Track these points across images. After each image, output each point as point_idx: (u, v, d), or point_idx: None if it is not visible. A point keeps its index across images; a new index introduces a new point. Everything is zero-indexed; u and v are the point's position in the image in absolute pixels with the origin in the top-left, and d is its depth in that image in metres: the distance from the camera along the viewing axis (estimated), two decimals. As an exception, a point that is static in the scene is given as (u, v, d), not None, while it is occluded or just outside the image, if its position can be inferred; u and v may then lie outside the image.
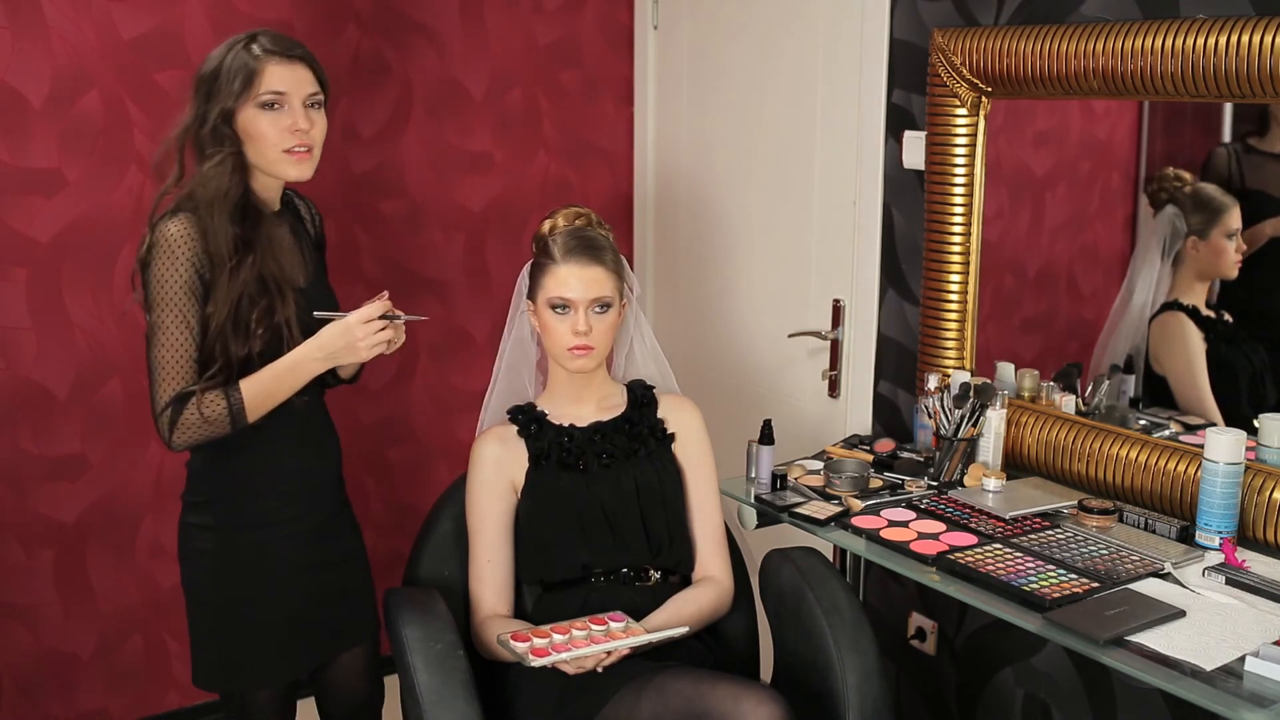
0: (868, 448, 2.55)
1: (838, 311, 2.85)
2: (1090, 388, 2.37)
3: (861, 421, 2.81)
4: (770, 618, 2.19)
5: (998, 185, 2.47)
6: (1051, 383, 2.44)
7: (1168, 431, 2.23)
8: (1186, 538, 2.03)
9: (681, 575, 2.17)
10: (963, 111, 2.40)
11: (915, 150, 2.58)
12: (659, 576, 2.13)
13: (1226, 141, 2.21)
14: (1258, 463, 2.02)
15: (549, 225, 2.16)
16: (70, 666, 2.89)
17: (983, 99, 2.38)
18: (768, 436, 2.34)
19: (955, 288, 2.48)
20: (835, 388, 2.89)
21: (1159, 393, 2.31)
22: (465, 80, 3.18)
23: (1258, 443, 2.03)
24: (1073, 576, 1.90)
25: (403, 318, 2.01)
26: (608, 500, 2.11)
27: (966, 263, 2.47)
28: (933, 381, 2.44)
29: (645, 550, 2.11)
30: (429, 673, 1.90)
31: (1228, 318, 2.26)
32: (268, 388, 1.96)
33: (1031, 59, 2.22)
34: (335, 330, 1.97)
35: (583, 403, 2.18)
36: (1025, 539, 2.06)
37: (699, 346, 3.33)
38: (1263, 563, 1.94)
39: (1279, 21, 1.85)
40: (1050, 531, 2.09)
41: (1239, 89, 1.92)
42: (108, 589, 2.91)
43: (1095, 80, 2.13)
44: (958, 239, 2.46)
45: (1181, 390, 2.29)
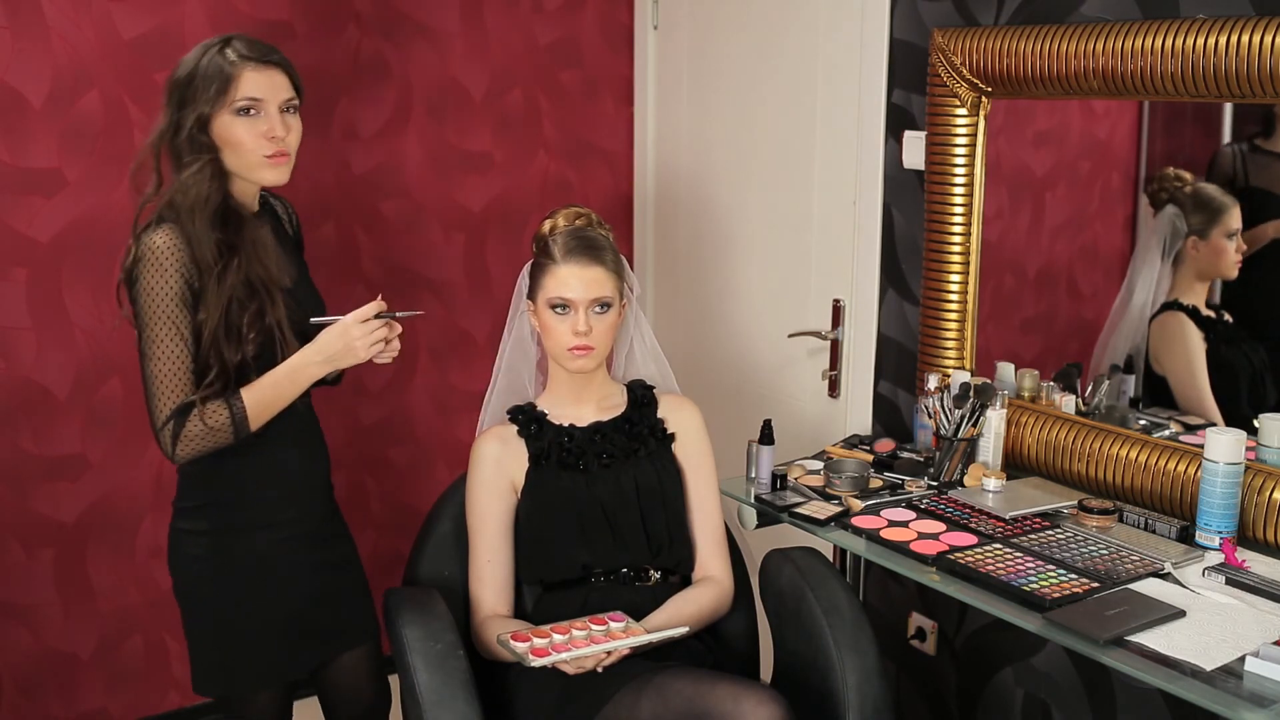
0: (868, 448, 2.55)
1: (838, 311, 2.85)
2: (1090, 388, 2.37)
3: (861, 421, 2.81)
4: (770, 618, 2.19)
5: (998, 185, 2.47)
6: (1051, 383, 2.43)
7: (1168, 431, 2.23)
8: (1186, 538, 2.03)
9: (681, 575, 2.17)
10: (963, 111, 2.40)
11: (915, 150, 2.58)
12: (659, 576, 2.13)
13: (1231, 142, 2.20)
14: (1258, 463, 2.02)
15: (549, 225, 2.15)
16: (70, 666, 2.89)
17: (983, 99, 2.38)
18: (768, 436, 2.34)
19: (955, 288, 2.48)
20: (835, 388, 2.89)
21: (1159, 393, 2.31)
22: (465, 80, 3.18)
23: (1258, 443, 2.03)
24: (1073, 576, 1.90)
25: (398, 315, 2.01)
26: (608, 500, 2.11)
27: (966, 263, 2.47)
28: (933, 381, 2.44)
29: (645, 550, 2.11)
30: (429, 673, 1.90)
31: (1228, 318, 2.26)
32: (268, 394, 1.96)
33: (1031, 59, 2.22)
34: (333, 333, 1.97)
35: (583, 403, 2.18)
36: (1025, 539, 2.06)
37: (699, 346, 3.33)
38: (1263, 563, 1.94)
39: (1279, 21, 1.85)
40: (1050, 531, 2.09)
41: (1239, 89, 1.92)
42: (108, 589, 2.91)
43: (1095, 80, 2.13)
44: (958, 239, 2.46)
45: (1181, 390, 2.29)
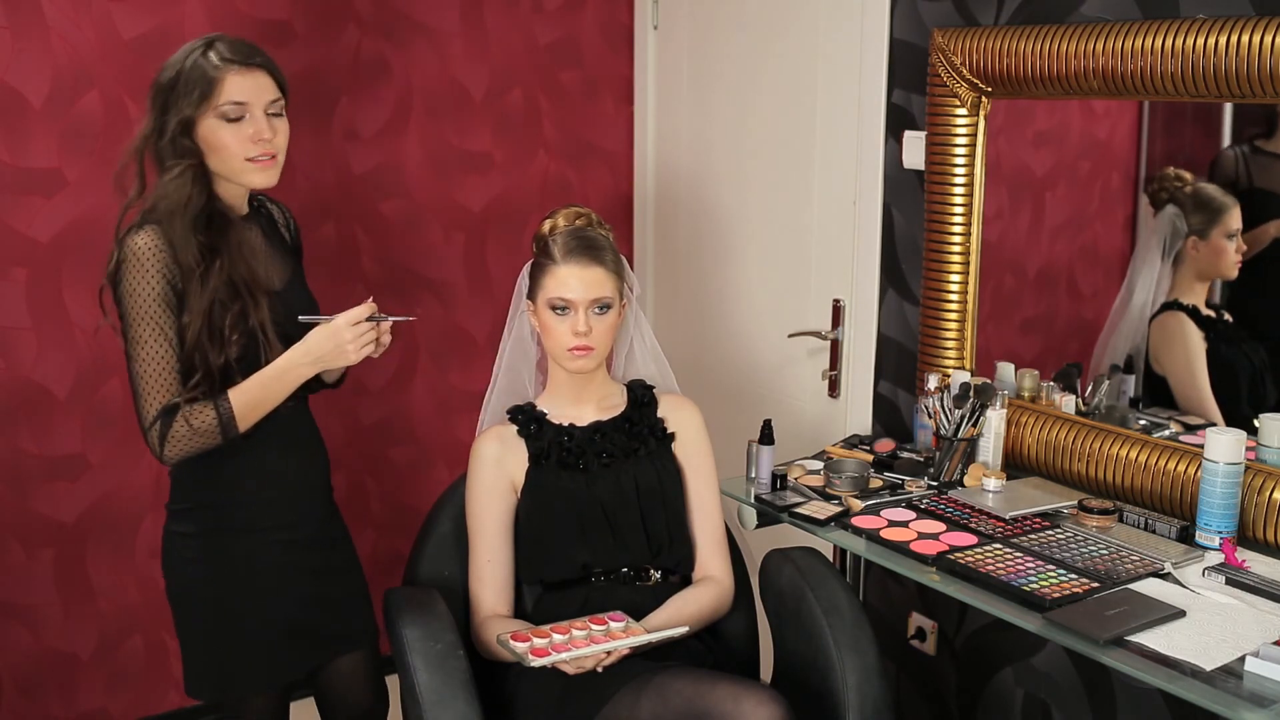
0: (868, 448, 2.55)
1: (838, 311, 2.85)
2: (1090, 388, 2.37)
3: (861, 421, 2.81)
4: (770, 618, 2.19)
5: (998, 185, 2.47)
6: (1051, 383, 2.43)
7: (1168, 431, 2.23)
8: (1186, 538, 2.03)
9: (681, 575, 2.17)
10: (963, 111, 2.40)
11: (915, 150, 2.58)
12: (659, 576, 2.13)
13: (1232, 144, 2.20)
14: (1258, 463, 2.02)
15: (549, 225, 2.15)
16: (70, 666, 2.89)
17: (983, 99, 2.38)
18: (768, 436, 2.34)
19: (955, 288, 2.48)
20: (835, 388, 2.89)
21: (1159, 393, 2.31)
22: (465, 80, 3.18)
23: (1258, 443, 2.03)
24: (1073, 576, 1.90)
25: (389, 319, 2.01)
26: (608, 500, 2.11)
27: (966, 263, 2.47)
28: (933, 381, 2.44)
29: (645, 550, 2.11)
30: (429, 673, 1.90)
31: (1228, 318, 2.26)
32: (256, 396, 1.95)
33: (1031, 59, 2.22)
34: (323, 334, 1.96)
35: (583, 403, 2.18)
36: (1025, 539, 2.06)
37: (699, 346, 3.33)
38: (1263, 563, 1.94)
39: (1279, 21, 1.85)
40: (1050, 531, 2.09)
41: (1239, 89, 1.92)
42: (108, 589, 2.91)
43: (1095, 80, 2.13)
44: (958, 239, 2.46)
45: (1181, 390, 2.29)
